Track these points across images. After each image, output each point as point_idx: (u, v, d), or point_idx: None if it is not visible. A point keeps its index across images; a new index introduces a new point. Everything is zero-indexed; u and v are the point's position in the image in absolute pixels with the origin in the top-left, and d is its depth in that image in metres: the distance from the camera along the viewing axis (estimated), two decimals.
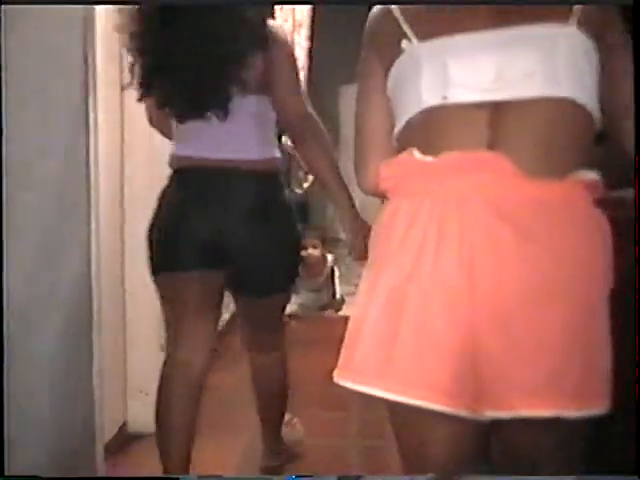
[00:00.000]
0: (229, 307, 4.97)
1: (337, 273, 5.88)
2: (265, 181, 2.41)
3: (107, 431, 2.72)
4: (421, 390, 1.32)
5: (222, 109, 2.29)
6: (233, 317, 4.85)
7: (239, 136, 2.36)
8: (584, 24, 1.35)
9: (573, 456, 1.41)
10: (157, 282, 2.46)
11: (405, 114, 1.42)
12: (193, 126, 2.36)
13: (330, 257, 5.89)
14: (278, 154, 2.48)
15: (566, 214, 1.32)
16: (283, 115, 2.41)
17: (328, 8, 5.78)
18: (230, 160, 2.35)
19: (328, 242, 6.07)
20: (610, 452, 1.66)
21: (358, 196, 2.11)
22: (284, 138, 3.15)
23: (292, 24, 5.37)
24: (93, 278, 2.44)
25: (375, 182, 1.49)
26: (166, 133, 2.57)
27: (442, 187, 1.34)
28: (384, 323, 1.35)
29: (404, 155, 1.39)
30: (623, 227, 1.39)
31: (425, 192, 1.35)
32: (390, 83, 1.47)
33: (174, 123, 2.43)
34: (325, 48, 6.05)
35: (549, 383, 1.29)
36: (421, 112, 1.39)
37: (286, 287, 2.63)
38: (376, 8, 1.53)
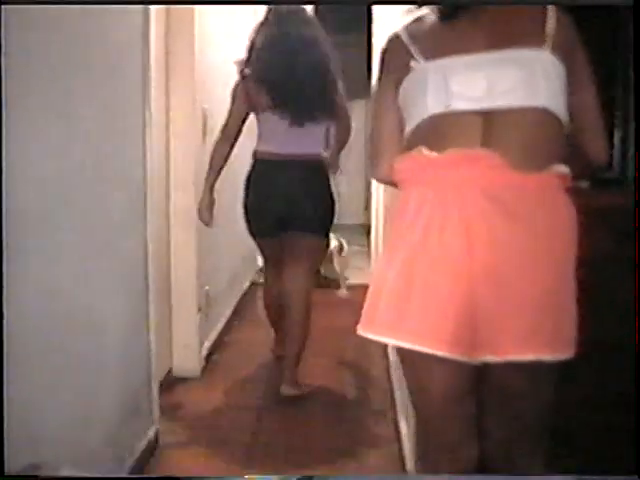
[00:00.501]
0: (247, 277, 4.97)
1: (345, 248, 5.38)
2: (315, 167, 3.00)
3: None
4: (428, 340, 1.32)
5: (312, 122, 2.96)
6: (252, 286, 4.87)
7: (303, 139, 2.95)
8: (555, 49, 1.35)
9: (546, 394, 1.41)
10: (255, 241, 3.16)
11: (414, 120, 1.41)
12: (272, 131, 2.96)
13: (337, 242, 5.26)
14: (324, 151, 3.06)
15: (543, 199, 1.32)
16: (339, 121, 3.10)
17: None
18: (295, 154, 2.94)
19: None
20: (610, 452, 1.59)
21: None
22: None
23: None
24: (149, 255, 2.43)
25: (387, 173, 1.49)
26: (230, 139, 3.03)
27: (445, 178, 1.33)
28: (399, 286, 1.35)
29: (414, 152, 1.39)
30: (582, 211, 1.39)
31: (431, 182, 1.35)
32: (401, 95, 1.46)
33: (268, 128, 2.97)
34: None
35: (532, 333, 1.29)
36: (428, 118, 1.38)
37: (324, 232, 3.12)
38: (387, 36, 1.52)
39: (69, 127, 1.75)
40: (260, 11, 4.86)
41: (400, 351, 1.42)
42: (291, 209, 2.94)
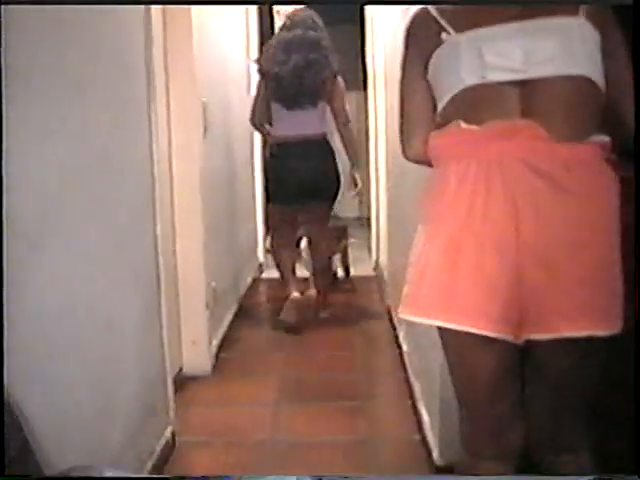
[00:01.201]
0: (249, 274, 4.90)
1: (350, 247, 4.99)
2: (321, 144, 3.71)
3: None
4: (477, 320, 1.26)
5: (309, 106, 3.62)
6: (255, 281, 4.80)
7: (310, 122, 3.65)
8: (590, 16, 1.30)
9: (593, 371, 1.35)
10: (272, 207, 3.96)
11: (447, 93, 1.34)
12: (285, 118, 3.64)
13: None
14: (327, 130, 3.76)
15: (587, 169, 1.27)
16: (337, 117, 3.73)
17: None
18: (305, 135, 3.64)
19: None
20: (610, 452, 1.51)
21: None
22: None
23: None
24: (159, 250, 2.36)
25: (420, 152, 1.42)
26: (258, 127, 3.86)
27: (486, 151, 1.27)
28: (444, 266, 1.29)
29: (452, 126, 1.32)
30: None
31: (471, 156, 1.29)
32: (431, 70, 1.39)
33: (276, 116, 3.68)
34: None
35: (584, 308, 1.23)
36: (462, 90, 1.31)
37: (332, 199, 3.80)
38: (414, 11, 1.45)
39: (83, 119, 1.69)
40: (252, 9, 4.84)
41: (444, 333, 1.36)
42: (304, 182, 3.62)
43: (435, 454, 2.17)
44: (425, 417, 2.41)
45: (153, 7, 2.45)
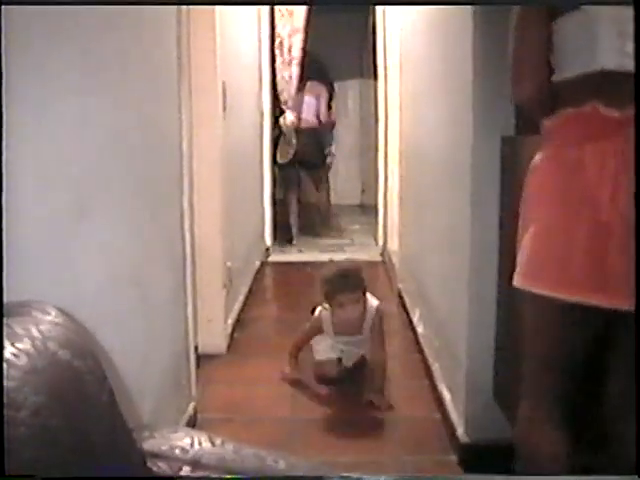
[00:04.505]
0: (257, 257, 4.86)
1: None
2: (320, 131, 5.73)
3: None
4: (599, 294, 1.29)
5: None
6: (262, 265, 4.76)
7: (311, 114, 5.61)
8: None
9: None
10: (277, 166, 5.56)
11: (576, 66, 1.33)
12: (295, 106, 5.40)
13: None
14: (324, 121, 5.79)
15: None
16: None
17: (319, 19, 5.51)
18: (310, 122, 5.59)
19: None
20: (610, 452, 1.50)
21: None
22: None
23: (290, 30, 5.13)
24: (185, 226, 2.32)
25: (529, 94, 1.41)
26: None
27: (625, 134, 1.26)
28: (595, 246, 1.30)
29: (589, 109, 1.31)
30: None
31: (609, 139, 1.29)
32: (557, 29, 1.34)
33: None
34: (316, 50, 5.74)
35: None
36: (597, 71, 1.30)
37: (323, 165, 5.96)
38: None
39: (124, 94, 1.68)
40: None
41: (536, 304, 1.37)
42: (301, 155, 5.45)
43: (460, 431, 2.15)
44: (447, 396, 2.39)
45: None
